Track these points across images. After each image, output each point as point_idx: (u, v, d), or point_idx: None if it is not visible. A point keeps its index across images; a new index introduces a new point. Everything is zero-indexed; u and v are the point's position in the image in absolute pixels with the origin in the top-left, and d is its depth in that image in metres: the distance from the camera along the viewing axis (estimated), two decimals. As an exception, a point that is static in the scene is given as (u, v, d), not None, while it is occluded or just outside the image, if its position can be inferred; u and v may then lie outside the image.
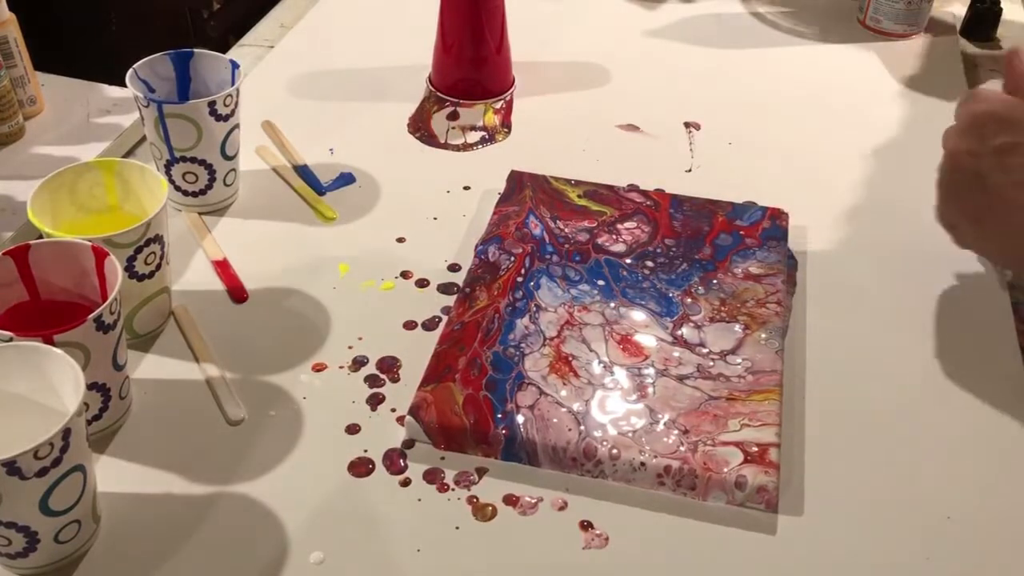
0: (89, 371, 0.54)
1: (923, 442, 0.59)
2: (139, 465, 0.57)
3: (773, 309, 0.65)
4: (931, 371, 0.64)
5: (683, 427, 0.57)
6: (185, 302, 0.67)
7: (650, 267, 0.68)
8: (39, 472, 0.47)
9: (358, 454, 0.58)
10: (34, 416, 0.51)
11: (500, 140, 0.84)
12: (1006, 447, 0.59)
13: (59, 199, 0.63)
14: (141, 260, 0.61)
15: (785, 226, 0.71)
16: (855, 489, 0.57)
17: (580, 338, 0.63)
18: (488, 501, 0.55)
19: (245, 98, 0.75)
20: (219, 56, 0.74)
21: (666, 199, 0.74)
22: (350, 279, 0.70)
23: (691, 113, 0.87)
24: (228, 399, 0.60)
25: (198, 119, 0.70)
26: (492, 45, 0.85)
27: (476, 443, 0.57)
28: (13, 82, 0.81)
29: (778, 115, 0.87)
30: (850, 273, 0.71)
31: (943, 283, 0.70)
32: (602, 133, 0.85)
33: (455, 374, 0.60)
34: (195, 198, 0.74)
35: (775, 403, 0.59)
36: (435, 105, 0.87)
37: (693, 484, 0.55)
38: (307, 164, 0.80)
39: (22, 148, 0.81)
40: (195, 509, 0.55)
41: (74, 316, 0.54)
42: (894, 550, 0.54)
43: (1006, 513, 0.56)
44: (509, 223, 0.71)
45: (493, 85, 0.87)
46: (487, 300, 0.65)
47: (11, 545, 0.49)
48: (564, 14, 1.02)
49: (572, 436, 0.57)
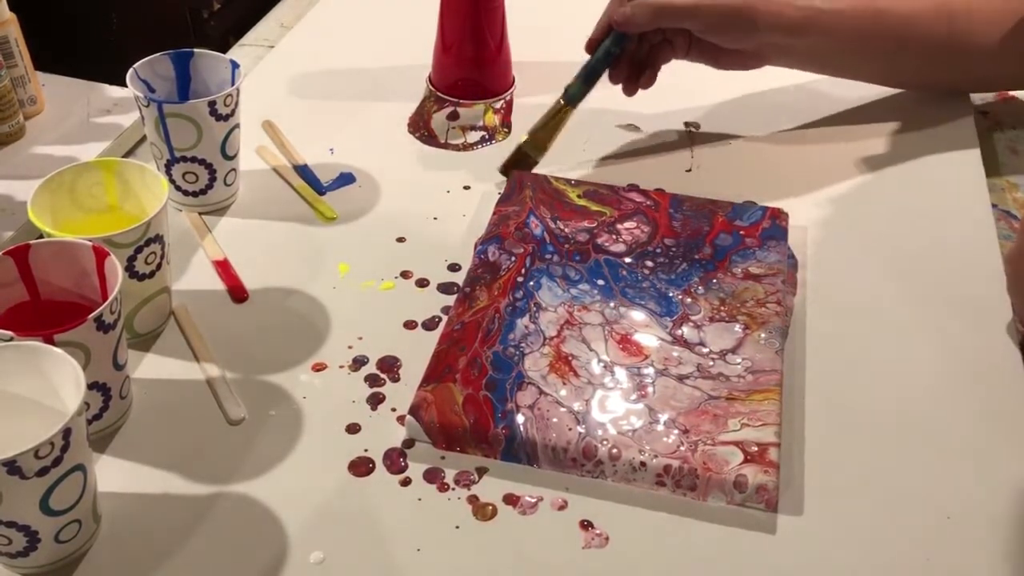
0: (89, 371, 0.54)
1: (923, 442, 0.59)
2: (139, 465, 0.57)
3: (773, 309, 0.65)
4: (931, 371, 0.64)
5: (683, 427, 0.57)
6: (185, 302, 0.67)
7: (650, 267, 0.68)
8: (39, 472, 0.47)
9: (358, 454, 0.58)
10: (34, 416, 0.51)
11: (500, 140, 0.84)
12: (1006, 447, 0.59)
13: (59, 199, 0.63)
14: (141, 260, 0.61)
15: (785, 226, 0.71)
16: (855, 489, 0.57)
17: (580, 338, 0.63)
18: (488, 501, 0.55)
19: (245, 98, 0.75)
20: (219, 56, 0.74)
21: (666, 199, 0.74)
22: (350, 279, 0.70)
23: (691, 113, 0.87)
24: (228, 399, 0.61)
25: (198, 119, 0.70)
26: (492, 45, 0.85)
27: (476, 443, 0.57)
28: (13, 82, 0.81)
29: (778, 115, 0.87)
30: (850, 273, 0.71)
31: (943, 283, 0.70)
32: (602, 133, 0.85)
33: (455, 374, 0.60)
34: (195, 198, 0.74)
35: (775, 403, 0.59)
36: (435, 105, 0.87)
37: (693, 484, 0.55)
38: (307, 164, 0.80)
39: (22, 148, 0.81)
40: (195, 509, 0.55)
41: (74, 316, 0.54)
42: (894, 550, 0.54)
43: (1006, 513, 0.56)
44: (509, 223, 0.71)
45: (493, 85, 0.87)
46: (487, 300, 0.65)
47: (12, 544, 0.49)
48: (564, 14, 1.02)
49: (572, 436, 0.57)
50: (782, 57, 0.80)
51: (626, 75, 0.79)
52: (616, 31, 0.76)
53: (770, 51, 0.79)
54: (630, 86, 0.80)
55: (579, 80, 0.78)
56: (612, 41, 0.76)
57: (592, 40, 0.78)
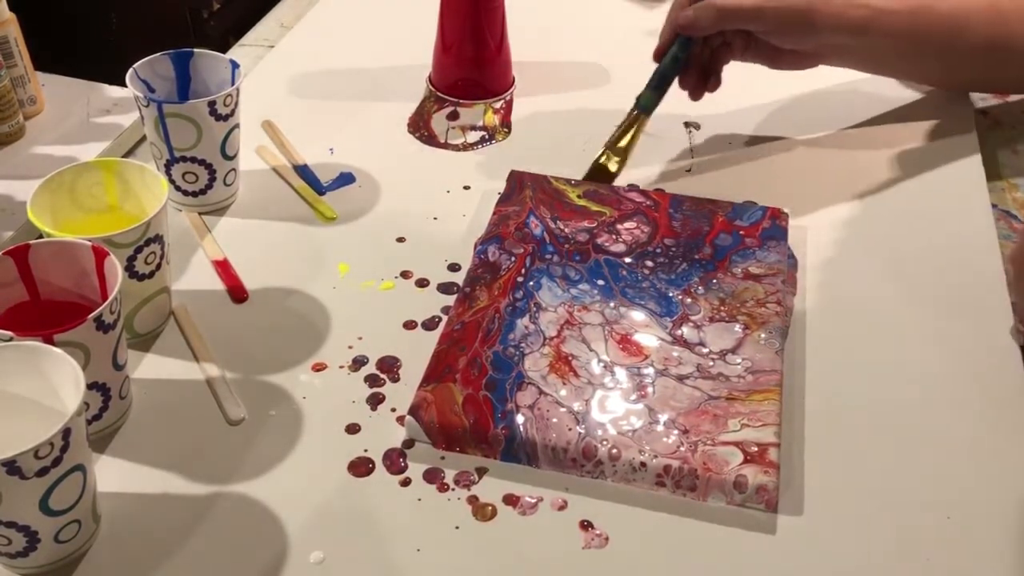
0: (89, 371, 0.54)
1: (923, 442, 0.59)
2: (139, 465, 0.57)
3: (773, 309, 0.65)
4: (931, 371, 0.64)
5: (683, 427, 0.57)
6: (185, 302, 0.67)
7: (650, 267, 0.68)
8: (39, 472, 0.47)
9: (358, 454, 0.58)
10: (34, 416, 0.51)
11: (500, 140, 0.84)
12: (1006, 447, 0.59)
13: (59, 199, 0.63)
14: (141, 260, 0.61)
15: (785, 226, 0.71)
16: (855, 489, 0.57)
17: (580, 338, 0.63)
18: (488, 501, 0.55)
19: (245, 98, 0.75)
20: (219, 56, 0.74)
21: (666, 199, 0.74)
22: (350, 279, 0.70)
23: (691, 113, 0.87)
24: (228, 399, 0.61)
25: (198, 119, 0.70)
26: (492, 45, 0.85)
27: (476, 443, 0.57)
28: (13, 82, 0.81)
29: (778, 115, 0.87)
30: (850, 273, 0.71)
31: (943, 283, 0.70)
32: (602, 133, 0.85)
33: (455, 374, 0.60)
34: (195, 198, 0.74)
35: (775, 403, 0.59)
36: (435, 105, 0.87)
37: (693, 484, 0.55)
38: (307, 164, 0.80)
39: (22, 148, 0.81)
40: (195, 509, 0.55)
41: (74, 316, 0.54)
42: (894, 550, 0.54)
43: (1006, 513, 0.56)
44: (509, 223, 0.71)
45: (493, 85, 0.87)
46: (487, 300, 0.65)
47: (11, 545, 0.49)
48: (564, 14, 1.02)
49: (572, 436, 0.57)
50: (839, 57, 0.80)
51: (696, 80, 0.79)
52: (681, 36, 0.76)
53: (828, 51, 0.79)
54: (698, 91, 0.80)
55: (649, 88, 0.78)
56: (678, 46, 0.76)
57: (659, 48, 0.78)
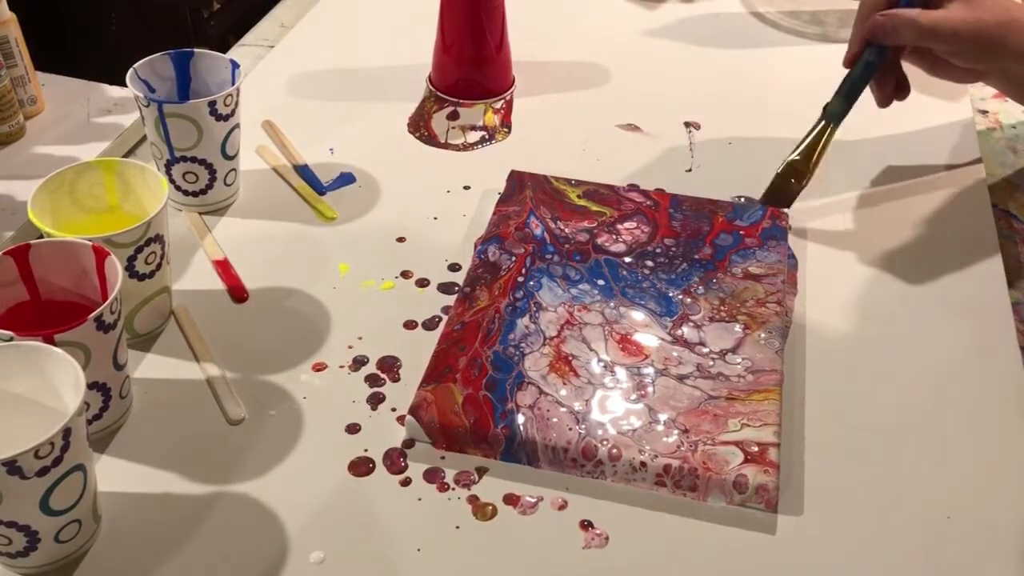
0: (89, 371, 0.54)
1: (923, 442, 0.59)
2: (139, 465, 0.57)
3: (773, 309, 0.65)
4: (931, 371, 0.64)
5: (683, 427, 0.57)
6: (185, 302, 0.67)
7: (650, 267, 0.68)
8: (39, 472, 0.47)
9: (358, 454, 0.58)
10: (34, 416, 0.51)
11: (500, 140, 0.84)
12: (1006, 447, 0.59)
13: (59, 199, 0.63)
14: (141, 260, 0.61)
15: (785, 226, 0.71)
16: (855, 489, 0.57)
17: (580, 338, 0.63)
18: (488, 501, 0.55)
19: (245, 98, 0.75)
20: (219, 56, 0.74)
21: (666, 199, 0.74)
22: (350, 279, 0.70)
23: (691, 113, 0.87)
24: (228, 399, 0.61)
25: (198, 119, 0.70)
26: (492, 45, 0.85)
27: (476, 443, 0.57)
28: (13, 82, 0.81)
29: (778, 115, 0.87)
30: (850, 273, 0.71)
31: (943, 283, 0.70)
32: (602, 133, 0.85)
33: (455, 374, 0.60)
34: (195, 198, 0.74)
35: (775, 403, 0.59)
36: (435, 105, 0.87)
37: (693, 484, 0.55)
38: (307, 164, 0.80)
39: (22, 148, 0.81)
40: (195, 509, 0.55)
41: (74, 316, 0.54)
42: (894, 550, 0.54)
43: (1006, 513, 0.56)
44: (509, 223, 0.71)
45: (493, 85, 0.87)
46: (487, 300, 0.65)
47: (11, 544, 0.49)
48: (564, 14, 1.02)
49: (572, 436, 0.57)
50: (1007, 82, 0.77)
51: (892, 88, 0.76)
52: (874, 44, 0.73)
53: (999, 74, 0.76)
54: (890, 99, 0.77)
55: (839, 97, 0.75)
56: (872, 53, 0.74)
57: (851, 56, 0.75)
